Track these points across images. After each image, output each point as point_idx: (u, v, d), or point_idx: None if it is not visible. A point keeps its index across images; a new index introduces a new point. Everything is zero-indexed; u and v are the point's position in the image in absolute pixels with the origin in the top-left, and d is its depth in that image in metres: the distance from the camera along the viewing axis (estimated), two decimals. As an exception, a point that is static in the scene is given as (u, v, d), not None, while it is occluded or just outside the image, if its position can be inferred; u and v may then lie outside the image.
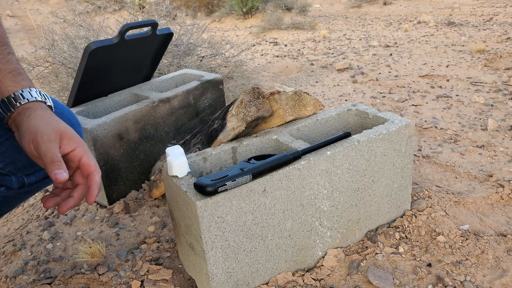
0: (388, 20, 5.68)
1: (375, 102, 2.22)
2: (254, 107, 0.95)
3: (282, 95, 0.99)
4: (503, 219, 1.10)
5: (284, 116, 1.00)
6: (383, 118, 1.03)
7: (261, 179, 0.81)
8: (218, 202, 0.76)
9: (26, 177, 0.76)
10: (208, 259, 0.80)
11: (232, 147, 0.95)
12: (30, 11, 8.14)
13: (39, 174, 0.77)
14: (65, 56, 2.23)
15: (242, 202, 0.79)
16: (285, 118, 1.01)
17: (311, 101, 1.05)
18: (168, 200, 0.92)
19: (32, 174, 0.76)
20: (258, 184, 0.80)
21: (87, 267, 1.02)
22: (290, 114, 1.01)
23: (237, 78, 2.45)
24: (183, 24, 2.46)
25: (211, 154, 0.93)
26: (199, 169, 0.92)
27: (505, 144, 1.58)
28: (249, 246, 0.84)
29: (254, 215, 0.82)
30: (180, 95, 1.45)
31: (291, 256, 0.91)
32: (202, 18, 7.33)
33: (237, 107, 0.95)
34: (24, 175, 0.75)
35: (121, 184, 1.32)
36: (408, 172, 1.05)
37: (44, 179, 0.79)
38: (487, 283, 0.89)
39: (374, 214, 1.03)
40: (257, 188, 0.81)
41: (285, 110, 1.00)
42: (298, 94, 1.02)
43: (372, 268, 0.94)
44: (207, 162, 0.93)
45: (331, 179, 0.90)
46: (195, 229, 0.79)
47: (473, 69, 2.71)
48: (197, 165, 0.91)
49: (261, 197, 0.82)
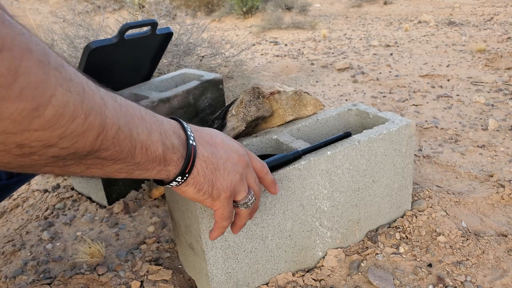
0: (389, 20, 5.68)
1: (376, 102, 2.21)
2: (254, 107, 0.95)
3: (282, 94, 0.99)
4: (503, 219, 1.10)
5: (284, 116, 1.00)
6: (384, 118, 1.03)
7: None
8: None
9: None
10: (208, 260, 0.79)
11: None
12: (29, 10, 8.14)
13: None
14: (65, 55, 2.23)
15: None
16: (285, 118, 1.01)
17: (311, 101, 1.05)
18: (168, 200, 0.91)
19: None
20: None
21: (87, 267, 1.02)
22: (290, 114, 1.01)
23: (237, 78, 2.44)
24: (183, 24, 2.46)
25: None
26: None
27: (506, 144, 1.58)
28: (249, 246, 0.84)
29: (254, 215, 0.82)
30: (180, 95, 1.45)
31: (291, 257, 0.91)
32: (202, 18, 7.33)
33: (237, 107, 0.94)
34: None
35: (120, 184, 1.31)
36: (409, 172, 1.05)
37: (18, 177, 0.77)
38: (487, 283, 0.88)
39: (375, 214, 1.03)
40: None
41: (285, 110, 1.00)
42: (299, 94, 1.02)
43: (373, 269, 0.94)
44: None
45: (332, 179, 0.90)
46: (195, 229, 0.79)
47: (474, 69, 2.71)
48: None
49: (261, 197, 0.81)
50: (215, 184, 0.56)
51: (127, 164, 0.45)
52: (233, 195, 0.60)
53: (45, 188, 1.46)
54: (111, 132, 0.41)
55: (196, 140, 0.54)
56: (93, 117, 0.38)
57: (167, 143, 0.49)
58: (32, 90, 0.32)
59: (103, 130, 0.40)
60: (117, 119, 0.42)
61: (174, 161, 0.51)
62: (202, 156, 0.54)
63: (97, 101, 0.39)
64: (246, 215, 0.65)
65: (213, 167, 0.55)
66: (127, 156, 0.44)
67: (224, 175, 0.56)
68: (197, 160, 0.53)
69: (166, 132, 0.50)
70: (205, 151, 0.54)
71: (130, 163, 0.45)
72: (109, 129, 0.40)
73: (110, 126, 0.40)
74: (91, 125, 0.38)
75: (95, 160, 0.42)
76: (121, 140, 0.42)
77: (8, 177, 0.74)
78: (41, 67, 0.33)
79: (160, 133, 0.49)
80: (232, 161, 0.58)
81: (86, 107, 0.38)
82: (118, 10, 3.17)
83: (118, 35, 1.30)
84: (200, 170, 0.54)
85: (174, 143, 0.51)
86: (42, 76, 0.33)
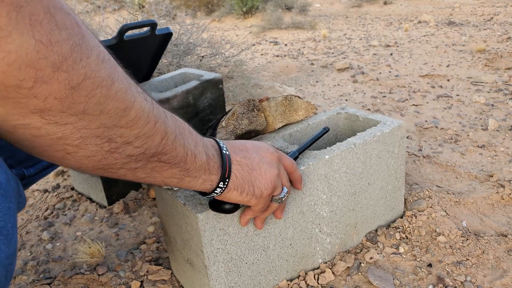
0: (389, 20, 5.68)
1: (376, 102, 2.21)
2: (246, 120, 0.92)
3: (271, 101, 0.97)
4: (503, 219, 1.10)
5: (273, 123, 0.98)
6: (375, 120, 1.03)
7: None
8: (220, 214, 0.74)
9: (26, 170, 0.77)
10: (210, 275, 0.77)
11: None
12: (30, 10, 8.12)
13: (38, 166, 0.79)
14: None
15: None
16: (274, 126, 0.99)
17: (302, 105, 1.03)
18: (161, 214, 0.88)
19: (32, 166, 0.78)
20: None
21: (87, 267, 1.02)
22: (280, 120, 1.00)
23: (237, 78, 2.44)
24: (183, 24, 2.46)
25: None
26: None
27: (506, 144, 1.58)
28: (251, 258, 0.82)
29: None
30: (180, 95, 1.45)
31: (292, 266, 0.90)
32: (202, 18, 7.33)
33: (228, 118, 0.91)
34: (23, 167, 0.76)
35: (120, 184, 1.31)
36: (401, 174, 1.05)
37: (42, 171, 0.81)
38: (487, 283, 0.88)
39: (370, 218, 1.03)
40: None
41: (274, 117, 0.98)
42: (289, 99, 1.00)
43: (373, 269, 0.94)
44: None
45: (330, 183, 0.90)
46: (195, 243, 0.76)
47: (474, 69, 2.71)
48: None
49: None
50: (255, 183, 0.62)
51: (180, 169, 0.53)
52: (273, 191, 0.65)
53: (45, 188, 1.46)
54: (170, 138, 0.49)
55: (229, 149, 0.61)
56: (160, 124, 0.47)
57: (209, 153, 0.57)
58: (123, 93, 0.41)
59: (166, 136, 0.48)
60: (174, 129, 0.50)
61: (215, 169, 0.58)
62: (236, 161, 0.61)
63: (161, 112, 0.49)
64: (275, 209, 0.73)
65: (249, 168, 0.61)
66: (181, 161, 0.52)
67: (262, 173, 0.62)
68: (233, 165, 0.60)
69: (207, 144, 0.58)
70: (238, 156, 0.61)
71: (182, 169, 0.53)
72: (169, 136, 0.49)
73: (170, 133, 0.49)
74: (158, 130, 0.47)
75: (157, 163, 0.49)
76: (177, 146, 0.50)
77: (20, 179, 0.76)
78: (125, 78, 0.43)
79: (203, 145, 0.57)
80: (266, 159, 0.64)
81: (155, 115, 0.46)
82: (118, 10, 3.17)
83: (117, 36, 1.30)
84: (238, 174, 0.60)
85: (214, 153, 0.59)
86: (127, 85, 0.43)
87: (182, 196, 0.77)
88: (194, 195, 0.77)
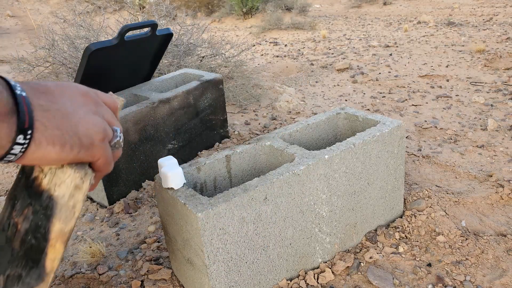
0: (388, 20, 5.69)
1: (375, 102, 2.22)
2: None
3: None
4: (502, 219, 1.10)
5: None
6: (374, 120, 1.03)
7: (262, 187, 0.79)
8: (219, 213, 0.74)
9: None
10: (211, 274, 0.77)
11: (225, 156, 0.94)
12: (30, 11, 8.15)
13: None
14: (65, 56, 2.23)
15: (243, 212, 0.78)
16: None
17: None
18: (161, 214, 0.89)
19: None
20: (259, 192, 0.79)
21: (87, 266, 1.02)
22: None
23: (237, 78, 2.45)
24: (183, 24, 2.46)
25: (204, 163, 0.91)
26: (193, 179, 0.89)
27: (505, 144, 1.58)
28: (251, 257, 0.82)
29: (255, 225, 0.81)
30: (180, 96, 1.45)
31: (292, 265, 0.91)
32: (202, 18, 7.34)
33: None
34: None
35: (121, 184, 1.32)
36: (401, 173, 1.05)
37: None
38: (487, 283, 0.89)
39: (370, 217, 1.03)
40: (258, 196, 0.79)
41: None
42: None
43: (372, 268, 0.94)
44: (201, 172, 0.91)
45: (329, 183, 0.90)
46: (196, 243, 0.77)
47: (473, 69, 2.72)
48: (191, 175, 0.89)
49: (262, 206, 0.81)
50: (77, 131, 0.46)
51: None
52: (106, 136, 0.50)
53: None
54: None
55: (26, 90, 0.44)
56: None
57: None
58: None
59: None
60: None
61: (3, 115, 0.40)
62: (39, 106, 0.44)
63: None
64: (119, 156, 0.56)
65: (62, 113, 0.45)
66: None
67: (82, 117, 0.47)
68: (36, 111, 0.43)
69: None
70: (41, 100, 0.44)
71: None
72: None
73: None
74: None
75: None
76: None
77: None
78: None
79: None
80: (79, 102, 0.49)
81: None
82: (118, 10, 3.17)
83: (118, 37, 1.31)
84: (47, 123, 0.44)
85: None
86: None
87: (182, 196, 0.78)
88: (194, 195, 0.78)
